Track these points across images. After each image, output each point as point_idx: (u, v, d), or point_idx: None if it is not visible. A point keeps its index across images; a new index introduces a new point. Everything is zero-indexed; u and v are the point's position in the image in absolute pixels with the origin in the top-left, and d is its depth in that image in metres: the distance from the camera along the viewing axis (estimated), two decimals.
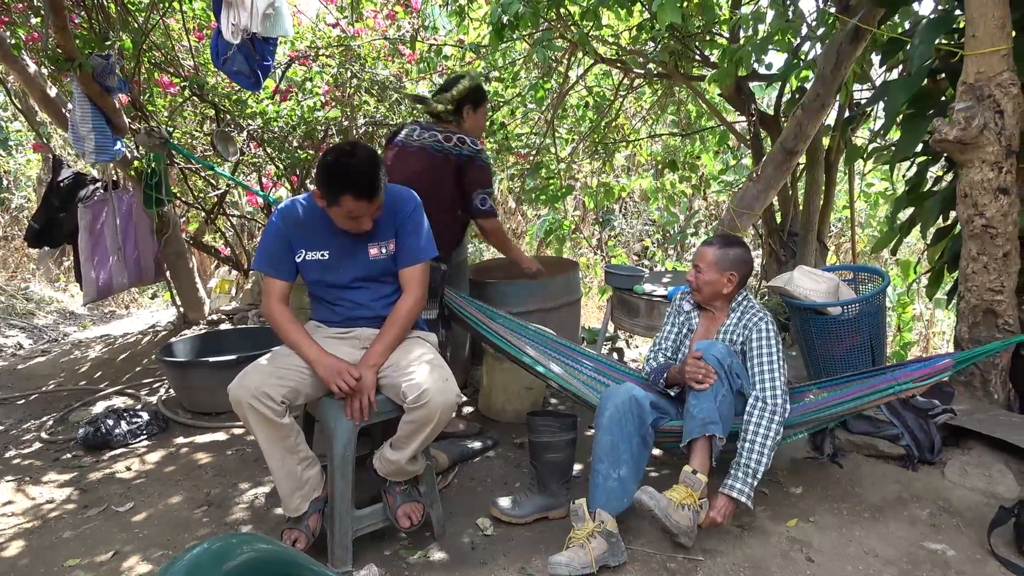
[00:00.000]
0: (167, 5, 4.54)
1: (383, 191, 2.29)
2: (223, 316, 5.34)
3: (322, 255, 2.41)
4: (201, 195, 5.74)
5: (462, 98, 3.07)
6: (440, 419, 2.24)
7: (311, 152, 5.03)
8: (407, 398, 2.20)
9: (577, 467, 2.87)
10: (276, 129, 4.85)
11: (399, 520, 2.41)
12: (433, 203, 2.74)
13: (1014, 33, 2.62)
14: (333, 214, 2.31)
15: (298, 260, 2.41)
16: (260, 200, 5.57)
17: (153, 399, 4.09)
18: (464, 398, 2.31)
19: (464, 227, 3.22)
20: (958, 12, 2.95)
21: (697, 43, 4.48)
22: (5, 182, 9.14)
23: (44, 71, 4.40)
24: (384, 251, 2.42)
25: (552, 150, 5.67)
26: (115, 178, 4.58)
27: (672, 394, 2.56)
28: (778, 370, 2.41)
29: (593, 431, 2.50)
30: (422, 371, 2.25)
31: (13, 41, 4.12)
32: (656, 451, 3.06)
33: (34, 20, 4.46)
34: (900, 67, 3.80)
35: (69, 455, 3.41)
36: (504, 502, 2.62)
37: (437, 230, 2.70)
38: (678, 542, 2.25)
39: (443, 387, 2.22)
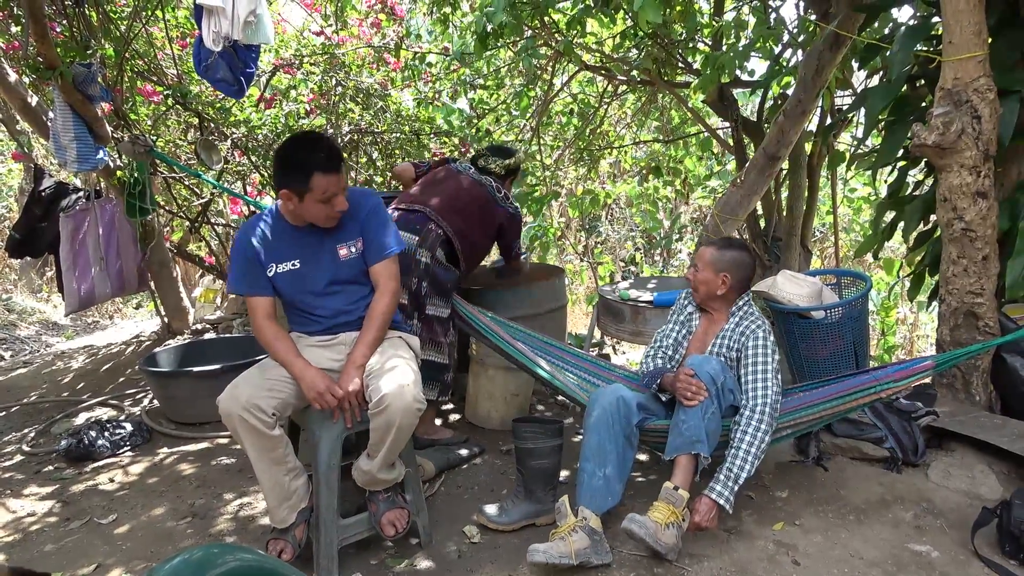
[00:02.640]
0: (150, 13, 4.52)
1: (344, 166, 2.31)
2: (208, 325, 5.30)
3: (293, 265, 2.40)
4: (185, 204, 5.70)
5: (515, 168, 3.55)
6: (402, 423, 2.21)
7: None
8: (370, 403, 2.21)
9: (564, 473, 2.87)
10: (260, 137, 4.83)
11: (384, 528, 2.40)
12: (475, 223, 3.22)
13: (990, 39, 2.66)
14: (308, 207, 2.30)
15: (270, 275, 2.40)
16: (245, 209, 5.54)
17: (136, 410, 4.05)
18: (425, 404, 2.30)
19: (485, 255, 3.54)
20: (936, 19, 2.99)
21: (680, 50, 4.51)
22: None
23: (25, 80, 4.36)
24: (353, 250, 2.42)
25: (537, 157, 5.69)
26: (98, 187, 4.55)
27: (663, 399, 2.56)
28: (771, 380, 2.40)
29: (580, 437, 2.50)
30: (387, 377, 2.23)
31: None
32: (643, 456, 3.07)
33: (14, 28, 4.43)
34: (880, 73, 3.84)
35: (51, 467, 3.37)
36: (491, 509, 2.61)
37: (466, 246, 3.18)
38: (666, 559, 2.25)
39: (400, 392, 2.19)
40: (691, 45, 4.54)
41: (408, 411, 2.21)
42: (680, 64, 4.59)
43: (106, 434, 3.48)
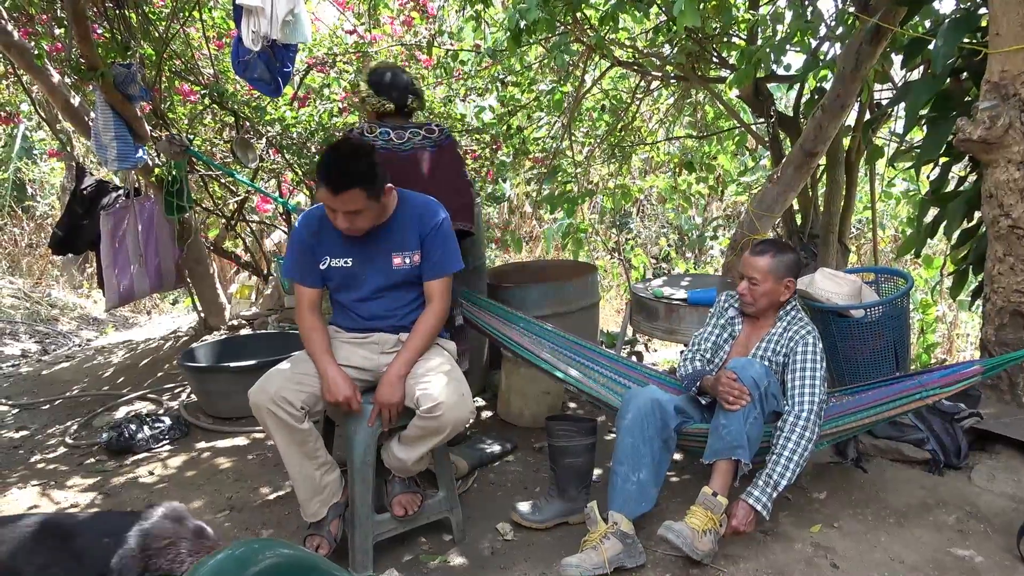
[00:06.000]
0: (187, 14, 4.59)
1: (361, 191, 2.19)
2: (243, 321, 5.37)
3: (345, 262, 2.40)
4: (221, 201, 5.79)
5: (419, 91, 2.99)
6: (451, 432, 2.27)
7: None
8: (420, 407, 2.21)
9: (597, 472, 2.86)
10: (294, 135, 4.88)
11: (393, 507, 2.44)
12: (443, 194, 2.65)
13: None
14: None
15: (322, 267, 2.41)
16: (272, 206, 5.61)
17: (175, 404, 4.12)
18: (475, 414, 2.32)
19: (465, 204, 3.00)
20: (982, 10, 2.91)
21: (714, 45, 4.45)
22: (30, 190, 9.29)
23: (67, 81, 4.46)
24: (408, 261, 2.40)
25: (568, 154, 5.66)
26: (137, 185, 4.63)
27: (703, 402, 2.52)
28: (818, 387, 2.35)
29: (613, 435, 2.48)
30: (438, 382, 2.25)
31: (37, 52, 4.18)
32: (677, 455, 3.04)
33: (58, 31, 4.53)
34: (921, 67, 3.75)
35: (93, 459, 3.45)
36: (524, 507, 2.61)
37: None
38: (701, 562, 2.23)
39: (458, 402, 2.23)
40: (726, 40, 4.48)
41: (461, 421, 2.26)
42: (714, 59, 4.53)
43: (145, 428, 3.55)
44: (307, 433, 2.30)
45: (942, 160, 3.45)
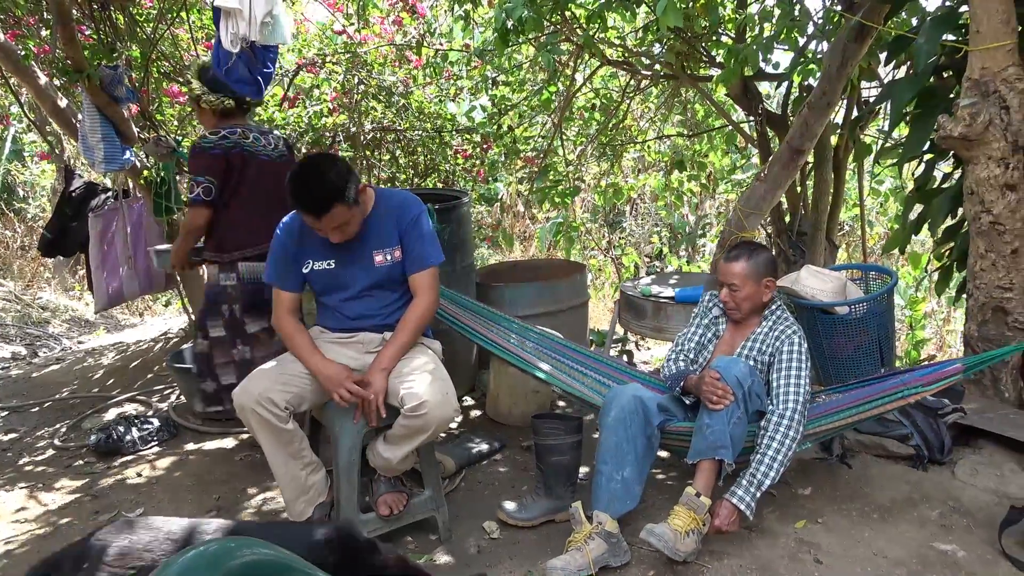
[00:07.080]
0: (174, 15, 4.58)
1: (342, 205, 2.23)
2: None
3: (328, 264, 2.42)
4: None
5: (207, 74, 2.97)
6: (435, 430, 2.27)
7: None
8: (404, 405, 2.21)
9: (583, 470, 2.86)
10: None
11: (379, 507, 2.44)
12: None
13: (1020, 28, 2.60)
14: None
15: (305, 271, 2.43)
16: None
17: (164, 405, 4.12)
18: (460, 415, 2.32)
19: None
20: (963, 8, 2.93)
21: (703, 44, 4.47)
22: (21, 193, 9.25)
23: (55, 83, 4.45)
24: (389, 258, 2.42)
25: (560, 153, 5.67)
26: (125, 187, 4.62)
27: (687, 402, 2.52)
28: (803, 387, 2.35)
29: (598, 433, 2.49)
30: (423, 381, 2.25)
31: (24, 53, 4.17)
32: (662, 453, 3.05)
33: (44, 32, 4.52)
34: (907, 65, 3.77)
35: (81, 461, 3.44)
36: (510, 505, 2.62)
37: None
38: (683, 562, 2.23)
39: (442, 400, 2.23)
40: (714, 38, 4.49)
41: (445, 420, 2.26)
42: (704, 58, 4.54)
43: (134, 429, 3.55)
44: (292, 433, 2.30)
45: (927, 157, 3.47)
